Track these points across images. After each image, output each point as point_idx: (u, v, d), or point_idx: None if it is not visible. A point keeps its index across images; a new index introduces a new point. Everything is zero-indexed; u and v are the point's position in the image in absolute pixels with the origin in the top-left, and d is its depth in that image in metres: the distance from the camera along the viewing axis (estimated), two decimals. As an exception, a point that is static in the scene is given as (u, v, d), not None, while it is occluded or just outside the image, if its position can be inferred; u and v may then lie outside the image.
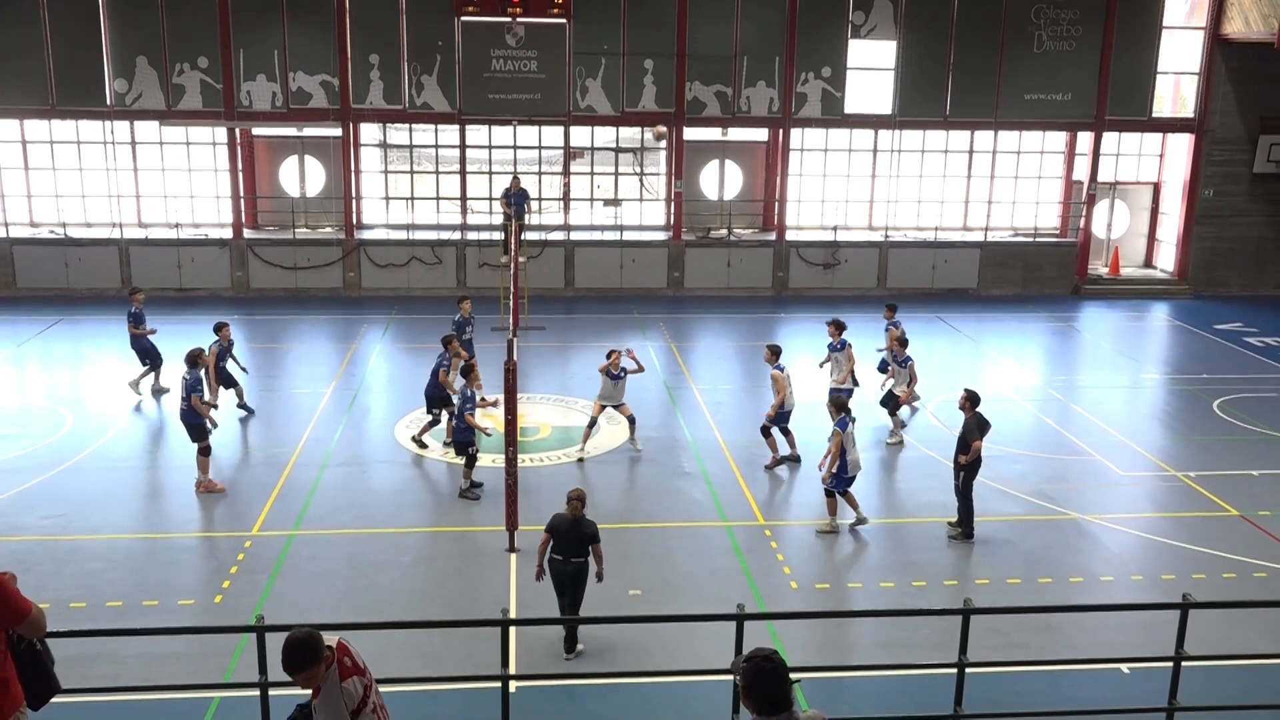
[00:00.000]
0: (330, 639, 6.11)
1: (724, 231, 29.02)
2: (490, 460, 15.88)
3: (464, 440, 14.62)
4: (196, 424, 14.80)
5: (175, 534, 13.66)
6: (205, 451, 14.82)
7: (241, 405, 17.95)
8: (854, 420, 13.92)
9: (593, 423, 16.53)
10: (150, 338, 18.82)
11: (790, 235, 28.64)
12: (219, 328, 17.66)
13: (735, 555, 13.25)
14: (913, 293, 28.20)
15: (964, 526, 13.66)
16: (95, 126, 27.07)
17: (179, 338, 19.45)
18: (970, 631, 8.55)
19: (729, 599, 11.51)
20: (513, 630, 10.58)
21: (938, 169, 29.63)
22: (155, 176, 27.81)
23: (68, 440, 16.56)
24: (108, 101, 26.03)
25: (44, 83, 25.75)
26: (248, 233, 27.42)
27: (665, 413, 18.50)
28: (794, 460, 16.08)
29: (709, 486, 15.30)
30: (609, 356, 16.39)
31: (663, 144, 24.99)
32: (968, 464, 13.45)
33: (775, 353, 16.38)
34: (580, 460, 16.20)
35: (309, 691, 6.15)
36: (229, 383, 17.59)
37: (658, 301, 27.07)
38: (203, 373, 15.51)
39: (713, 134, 28.86)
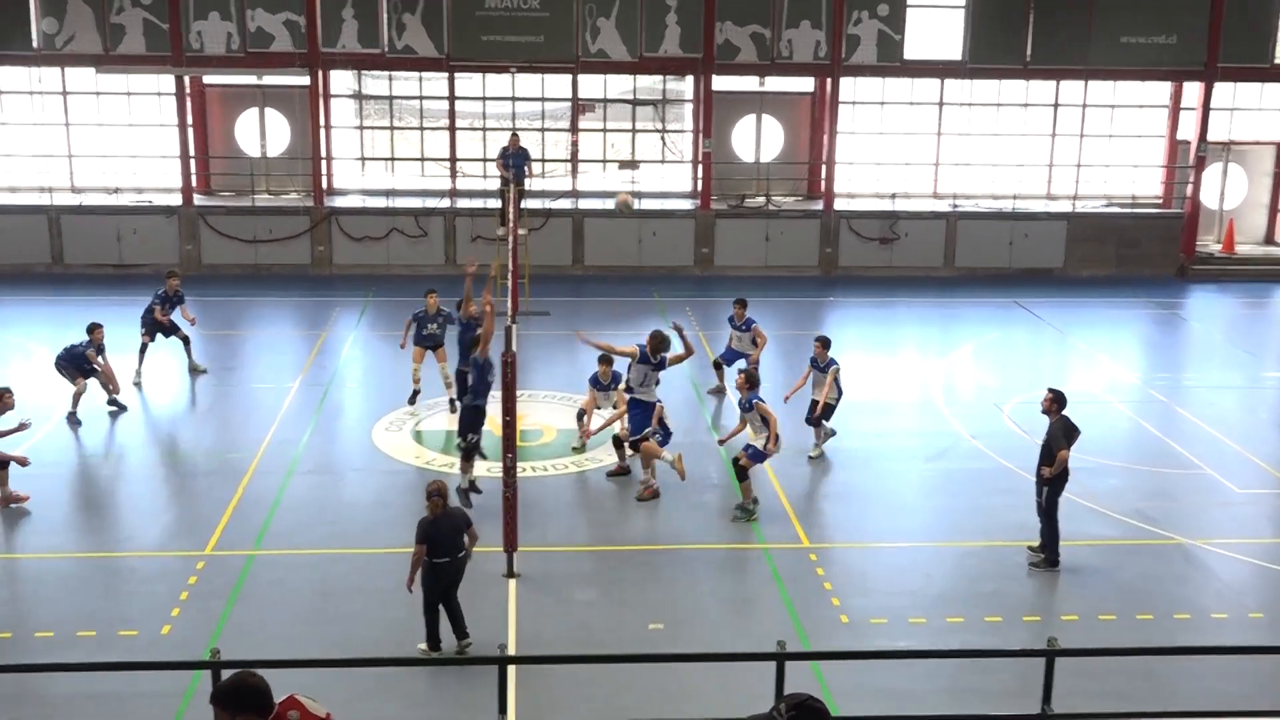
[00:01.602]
0: (280, 693, 6.10)
1: (761, 199, 28.99)
2: (485, 469, 15.89)
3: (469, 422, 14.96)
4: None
5: (116, 553, 13.72)
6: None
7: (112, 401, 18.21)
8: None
9: (581, 414, 16.89)
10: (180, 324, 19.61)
11: (840, 204, 28.60)
12: (92, 329, 17.82)
13: (775, 583, 13.24)
14: (986, 273, 28.12)
15: (1048, 552, 13.61)
16: (20, 74, 27.19)
17: (118, 321, 19.53)
18: (1055, 676, 8.50)
19: (767, 635, 11.49)
20: (511, 670, 10.60)
21: (1016, 126, 29.51)
22: (91, 133, 27.94)
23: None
24: (34, 44, 26.14)
25: (-40, 21, 25.93)
26: (199, 199, 27.54)
27: (692, 414, 18.49)
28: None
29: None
30: (601, 364, 16.51)
31: (631, 208, 24.51)
32: (1052, 477, 13.39)
33: (825, 345, 16.55)
34: (578, 448, 16.53)
35: None
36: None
37: (683, 282, 27.05)
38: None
39: (748, 84, 28.80)
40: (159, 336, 19.44)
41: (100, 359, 17.77)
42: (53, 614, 12.28)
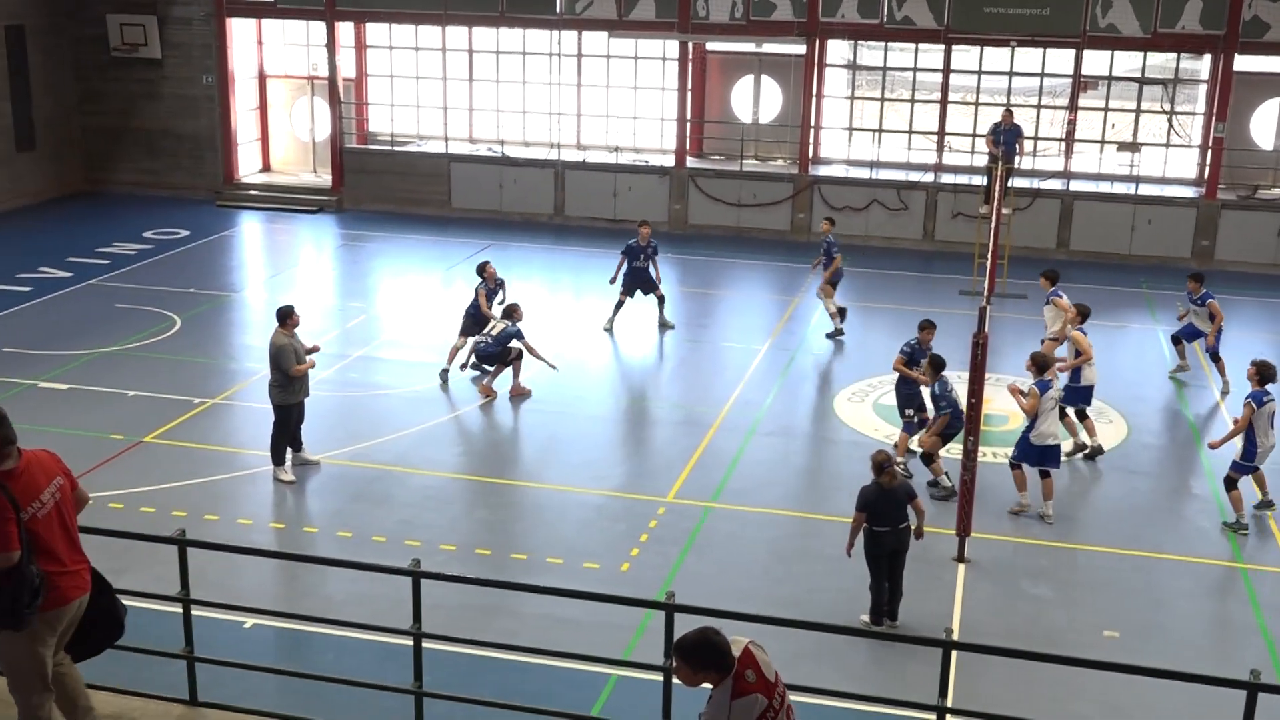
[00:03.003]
0: (741, 639, 6.27)
1: (1278, 191, 26.62)
2: (945, 451, 15.69)
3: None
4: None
5: (586, 489, 14.69)
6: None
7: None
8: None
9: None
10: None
11: (1372, 202, 25.78)
12: (482, 268, 18.54)
13: (1251, 607, 12.27)
14: None
15: None
16: (541, 36, 29.36)
17: (607, 273, 20.71)
18: None
19: (1237, 662, 10.70)
20: (954, 655, 10.46)
21: None
22: (599, 94, 29.75)
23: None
24: (557, 9, 28.11)
25: (495, -13, 28.27)
26: (690, 161, 28.71)
27: (1172, 417, 17.40)
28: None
29: (1222, 515, 14.23)
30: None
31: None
32: None
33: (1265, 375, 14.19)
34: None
35: None
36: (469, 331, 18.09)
37: (1176, 275, 25.32)
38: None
39: (1276, 64, 26.46)
40: (638, 294, 20.28)
41: (489, 306, 17.71)
42: (527, 539, 13.35)
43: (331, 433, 15.87)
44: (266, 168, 31.54)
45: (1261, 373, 13.83)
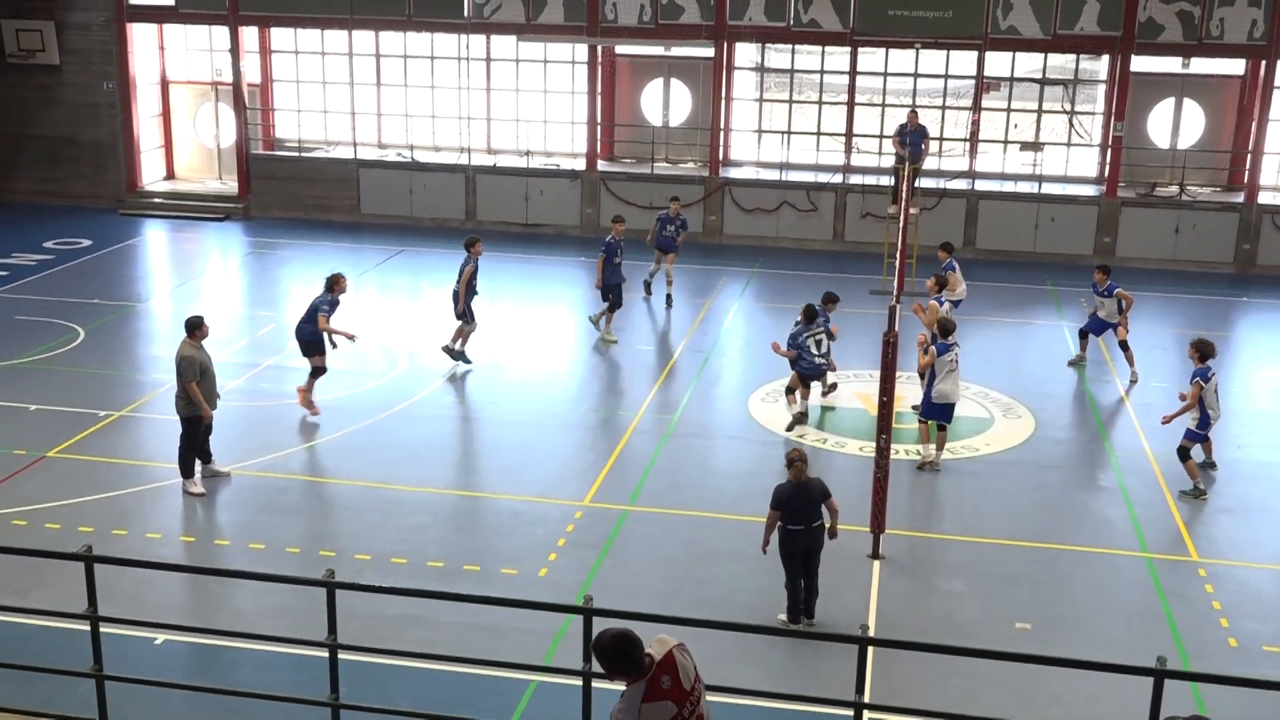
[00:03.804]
0: (669, 641, 6.30)
1: (1175, 189, 27.29)
2: (859, 448, 15.87)
3: None
4: (312, 341, 16.52)
5: (502, 495, 14.63)
6: (317, 373, 16.59)
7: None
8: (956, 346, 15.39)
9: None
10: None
11: (1265, 198, 26.51)
12: (471, 243, 18.94)
13: (1156, 596, 12.55)
14: None
15: None
16: (450, 40, 29.18)
17: (520, 279, 20.69)
18: None
19: (1145, 649, 10.94)
20: (870, 651, 10.57)
21: None
22: (509, 98, 29.65)
23: (400, 384, 18.10)
24: (465, 13, 27.97)
25: (402, -9, 28.06)
26: (602, 164, 28.71)
27: (1080, 412, 17.75)
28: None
29: (1128, 507, 14.57)
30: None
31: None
32: None
33: (1203, 353, 14.91)
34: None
35: None
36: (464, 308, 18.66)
37: (1080, 271, 25.83)
38: (340, 298, 16.77)
39: (1170, 65, 27.13)
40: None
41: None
42: (444, 546, 13.26)
43: (242, 443, 15.64)
44: (170, 175, 31.00)
45: (1201, 351, 14.81)
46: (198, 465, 14.39)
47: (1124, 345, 18.72)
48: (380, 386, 17.89)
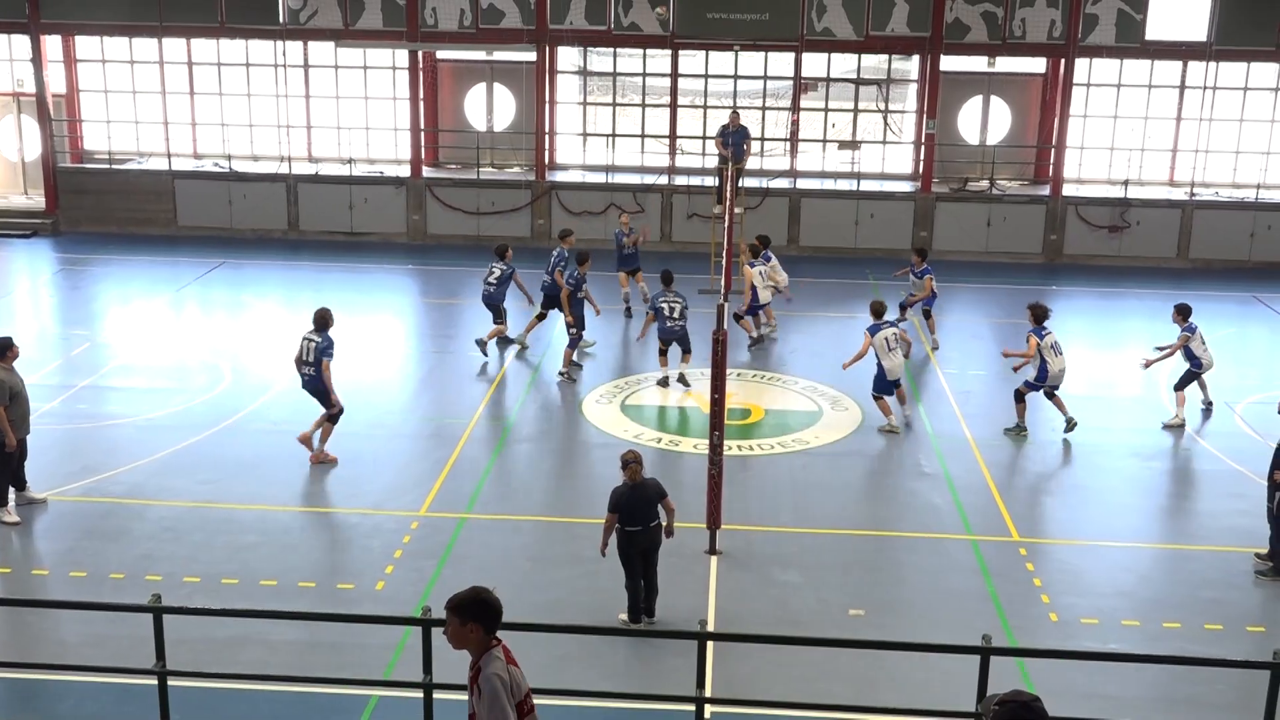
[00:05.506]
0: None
1: (985, 183, 28.27)
2: (692, 446, 16.02)
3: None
4: (323, 390, 15.22)
5: (336, 508, 14.36)
6: (334, 419, 15.38)
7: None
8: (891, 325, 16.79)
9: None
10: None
11: (1068, 190, 27.66)
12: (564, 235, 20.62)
13: (982, 576, 12.96)
14: (1223, 266, 26.82)
15: (1276, 560, 12.94)
16: (265, 47, 28.52)
17: (346, 288, 20.34)
18: (1280, 691, 8.11)
19: (972, 628, 11.27)
20: (710, 646, 10.68)
21: (1264, 112, 27.99)
22: (328, 105, 29.12)
23: (225, 399, 17.60)
24: (280, 19, 27.37)
25: (214, -2, 27.30)
26: (427, 171, 28.42)
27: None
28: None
29: (952, 492, 15.02)
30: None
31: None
32: (1286, 483, 12.77)
33: (1184, 313, 17.31)
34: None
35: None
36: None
37: (899, 266, 26.61)
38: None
39: (976, 64, 28.11)
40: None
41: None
42: (277, 564, 12.93)
43: (60, 467, 15.00)
44: (-28, 191, 29.63)
45: (1035, 313, 16.51)
46: (11, 493, 13.75)
47: (927, 314, 20.71)
48: (205, 402, 17.38)
